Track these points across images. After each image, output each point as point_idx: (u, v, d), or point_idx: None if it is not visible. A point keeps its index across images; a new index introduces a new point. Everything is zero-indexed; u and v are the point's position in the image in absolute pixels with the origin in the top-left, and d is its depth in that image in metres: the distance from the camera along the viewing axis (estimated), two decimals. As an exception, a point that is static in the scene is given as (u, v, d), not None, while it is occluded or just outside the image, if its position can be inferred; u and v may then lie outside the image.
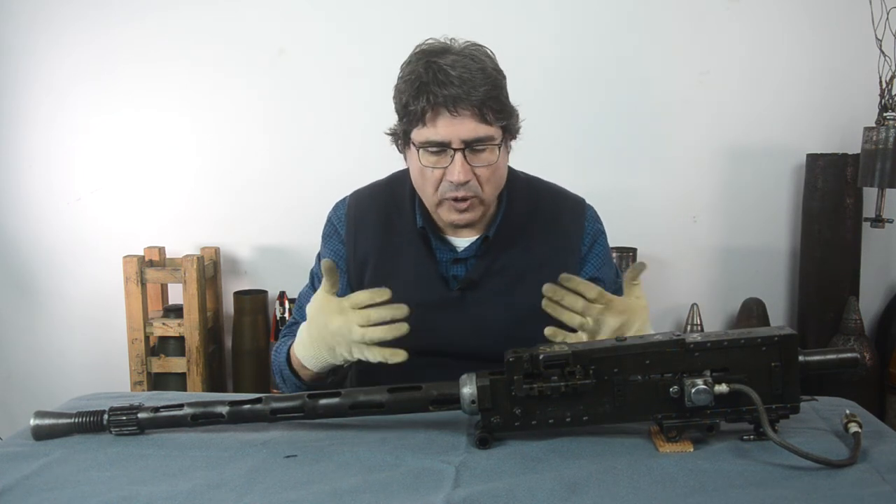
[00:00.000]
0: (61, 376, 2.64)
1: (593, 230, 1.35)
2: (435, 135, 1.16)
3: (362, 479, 0.90)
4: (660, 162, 2.49)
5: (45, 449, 1.02)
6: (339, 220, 1.36)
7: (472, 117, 1.15)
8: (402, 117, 1.20)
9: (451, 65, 1.15)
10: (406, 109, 1.18)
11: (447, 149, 1.16)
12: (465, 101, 1.13)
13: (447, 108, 1.14)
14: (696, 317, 2.39)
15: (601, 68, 2.45)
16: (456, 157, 1.16)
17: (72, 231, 2.59)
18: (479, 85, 1.14)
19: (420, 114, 1.15)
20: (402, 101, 1.18)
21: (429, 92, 1.13)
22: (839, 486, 0.86)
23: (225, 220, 2.57)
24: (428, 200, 1.24)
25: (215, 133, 2.53)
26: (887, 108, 2.14)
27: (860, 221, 2.32)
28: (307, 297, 1.30)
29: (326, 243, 1.38)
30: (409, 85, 1.16)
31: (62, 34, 2.49)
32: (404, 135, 1.21)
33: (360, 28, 2.46)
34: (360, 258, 1.32)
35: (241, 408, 1.04)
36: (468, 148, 1.16)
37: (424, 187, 1.22)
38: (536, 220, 1.32)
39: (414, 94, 1.15)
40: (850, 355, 1.00)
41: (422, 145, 1.17)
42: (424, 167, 1.19)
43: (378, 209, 1.33)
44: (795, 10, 2.40)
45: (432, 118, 1.15)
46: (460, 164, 1.16)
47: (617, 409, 0.99)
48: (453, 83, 1.13)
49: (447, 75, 1.13)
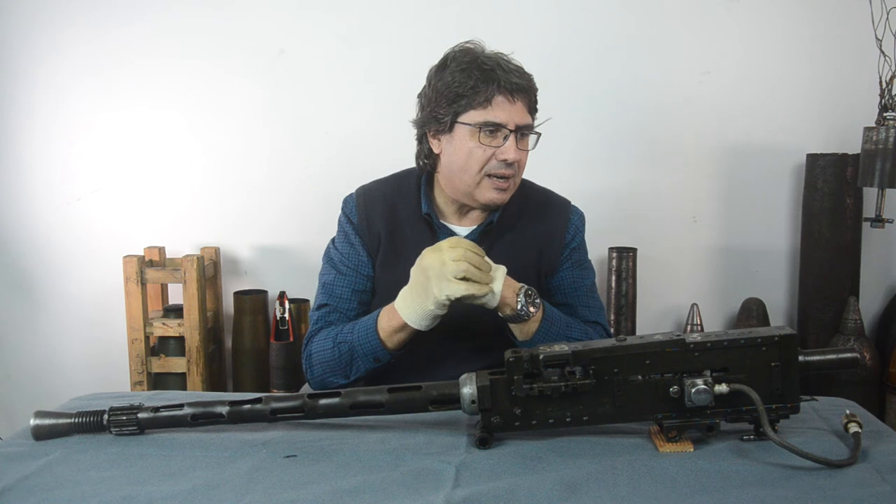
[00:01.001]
0: (61, 376, 2.64)
1: (577, 224, 1.47)
2: (495, 117, 1.28)
3: (362, 479, 0.91)
4: (660, 162, 2.49)
5: (45, 449, 1.02)
6: (351, 211, 1.44)
7: (524, 105, 1.31)
8: (452, 102, 1.30)
9: (504, 59, 1.31)
10: (463, 94, 1.28)
11: (502, 129, 1.29)
12: (523, 90, 1.29)
13: (510, 93, 1.28)
14: (696, 317, 2.39)
15: (601, 68, 2.45)
16: (510, 138, 1.29)
17: (72, 231, 2.58)
18: (529, 79, 1.32)
19: (486, 96, 1.27)
20: (456, 89, 1.28)
21: (497, 77, 1.27)
22: (839, 486, 0.86)
23: (225, 220, 2.57)
24: (469, 180, 1.32)
25: (215, 133, 2.53)
26: (887, 108, 2.14)
27: (860, 221, 2.32)
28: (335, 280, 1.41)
29: (341, 233, 1.46)
30: (469, 73, 1.28)
31: (62, 34, 2.49)
32: (452, 118, 1.30)
33: (360, 28, 2.46)
34: (374, 239, 1.41)
35: (241, 408, 1.04)
36: (519, 132, 1.30)
37: (470, 165, 1.31)
38: (527, 213, 1.44)
39: (481, 79, 1.27)
40: (850, 355, 1.00)
41: (480, 125, 1.28)
42: (475, 147, 1.29)
43: (384, 198, 1.43)
44: (795, 9, 2.40)
45: (493, 100, 1.28)
46: (513, 145, 1.29)
47: (617, 409, 0.99)
48: (514, 73, 1.29)
49: (508, 65, 1.30)
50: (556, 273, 1.43)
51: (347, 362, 1.30)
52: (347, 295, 1.40)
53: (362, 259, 1.41)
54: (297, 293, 2.51)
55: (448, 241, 1.18)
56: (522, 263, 1.37)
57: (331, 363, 1.31)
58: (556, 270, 1.43)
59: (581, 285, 1.44)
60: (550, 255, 1.42)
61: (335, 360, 1.31)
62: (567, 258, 1.44)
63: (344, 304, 1.40)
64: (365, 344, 1.27)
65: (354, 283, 1.41)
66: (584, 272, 1.46)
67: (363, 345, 1.28)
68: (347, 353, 1.29)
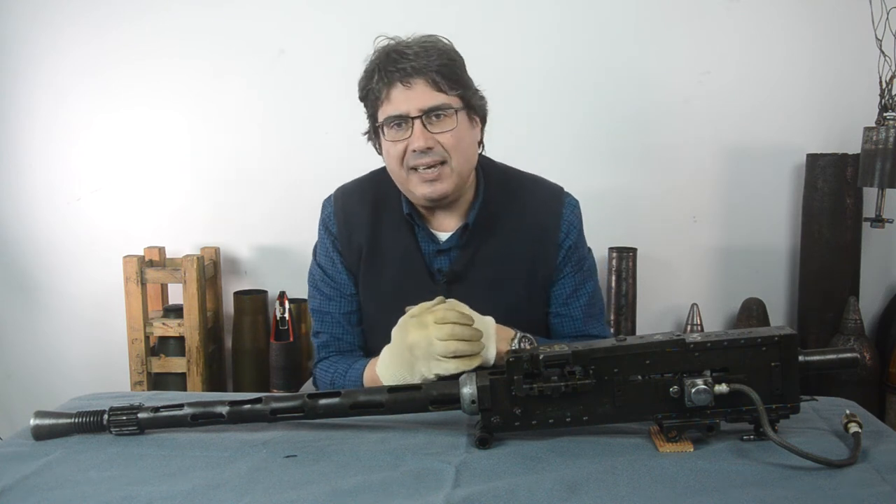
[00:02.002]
0: (61, 376, 2.64)
1: (570, 218, 1.36)
2: (394, 109, 1.23)
3: (362, 479, 0.90)
4: (660, 162, 2.48)
5: (45, 449, 1.02)
6: (329, 219, 1.41)
7: (426, 86, 1.23)
8: (366, 106, 1.29)
9: (406, 46, 1.25)
10: (366, 96, 1.27)
11: (407, 119, 1.23)
12: (418, 71, 1.22)
13: (401, 81, 1.22)
14: (696, 317, 2.39)
15: (601, 68, 2.44)
16: (415, 124, 1.23)
17: (72, 231, 2.58)
18: (431, 57, 1.23)
19: (378, 93, 1.24)
20: (366, 91, 1.27)
21: (382, 71, 1.23)
22: (839, 486, 0.86)
23: (225, 220, 2.57)
24: (399, 179, 1.29)
25: (215, 133, 2.53)
26: (887, 108, 2.14)
27: (860, 221, 2.32)
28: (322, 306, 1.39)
29: (321, 242, 1.43)
30: (371, 73, 1.26)
31: (62, 34, 2.49)
32: (373, 124, 1.29)
33: (360, 28, 2.46)
34: (354, 248, 1.36)
35: (241, 408, 1.04)
36: (426, 115, 1.23)
37: (392, 165, 1.28)
38: (513, 208, 1.35)
39: (369, 77, 1.25)
40: (850, 355, 1.00)
41: (385, 122, 1.25)
42: (389, 144, 1.25)
43: (365, 201, 1.38)
44: (795, 9, 2.40)
45: (389, 94, 1.24)
46: (420, 131, 1.22)
47: (617, 409, 0.99)
48: (407, 58, 1.22)
49: (400, 54, 1.23)
50: (556, 282, 1.36)
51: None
52: (339, 320, 1.39)
53: (343, 279, 1.38)
54: (297, 293, 2.51)
55: (433, 316, 1.11)
56: (508, 273, 1.31)
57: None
58: (555, 278, 1.35)
59: (583, 293, 1.37)
60: (544, 259, 1.33)
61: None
62: (565, 261, 1.35)
63: (339, 331, 1.39)
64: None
65: (341, 306, 1.39)
66: (585, 275, 1.37)
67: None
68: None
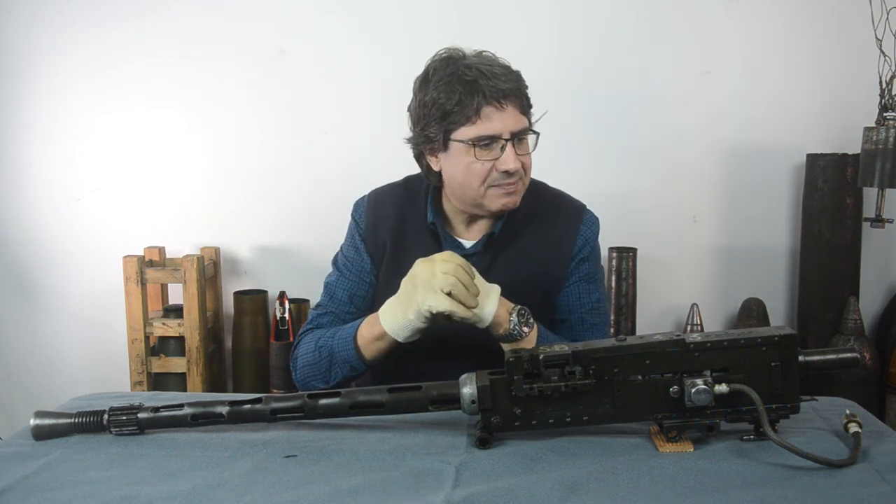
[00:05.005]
0: (61, 376, 2.64)
1: (587, 234, 1.38)
2: (487, 129, 1.22)
3: (362, 479, 0.90)
4: (660, 162, 2.48)
5: (45, 449, 1.02)
6: (360, 216, 1.44)
7: (515, 109, 1.24)
8: (441, 120, 1.24)
9: (489, 64, 1.23)
10: (450, 111, 1.22)
11: (497, 140, 1.23)
12: (511, 94, 1.22)
13: (498, 101, 1.21)
14: (696, 317, 2.39)
15: (601, 68, 2.44)
16: (507, 147, 1.23)
17: (72, 231, 2.58)
18: (519, 80, 1.25)
19: (473, 109, 1.21)
20: (442, 105, 1.23)
21: (480, 88, 1.20)
22: (839, 486, 0.86)
23: (225, 220, 2.57)
24: (473, 194, 1.28)
25: (215, 133, 2.53)
26: (887, 108, 2.14)
27: (860, 221, 2.32)
28: (336, 282, 1.41)
29: (349, 237, 1.45)
30: (452, 87, 1.22)
31: (62, 34, 2.49)
32: (444, 136, 1.25)
33: (360, 28, 2.46)
34: (379, 246, 1.40)
35: (241, 408, 1.04)
36: (515, 138, 1.24)
37: (470, 181, 1.26)
38: (534, 221, 1.38)
39: (465, 92, 1.21)
40: (850, 355, 1.00)
41: (473, 141, 1.23)
42: (472, 162, 1.24)
43: (395, 204, 1.41)
44: (795, 9, 2.40)
45: (484, 113, 1.21)
46: (512, 154, 1.23)
47: (617, 409, 0.99)
48: (500, 77, 1.21)
49: (492, 70, 1.22)
50: (561, 289, 1.37)
51: (327, 367, 1.29)
52: (345, 298, 1.40)
53: (366, 265, 1.40)
54: (297, 293, 2.51)
55: (442, 255, 1.14)
56: (523, 278, 1.32)
57: (312, 367, 1.30)
58: (561, 286, 1.37)
59: (586, 301, 1.37)
60: (556, 268, 1.36)
61: (316, 364, 1.30)
62: (574, 271, 1.37)
63: (339, 307, 1.39)
64: (343, 351, 1.26)
65: (355, 286, 1.40)
66: (591, 286, 1.38)
67: (341, 351, 1.26)
68: (327, 359, 1.28)
